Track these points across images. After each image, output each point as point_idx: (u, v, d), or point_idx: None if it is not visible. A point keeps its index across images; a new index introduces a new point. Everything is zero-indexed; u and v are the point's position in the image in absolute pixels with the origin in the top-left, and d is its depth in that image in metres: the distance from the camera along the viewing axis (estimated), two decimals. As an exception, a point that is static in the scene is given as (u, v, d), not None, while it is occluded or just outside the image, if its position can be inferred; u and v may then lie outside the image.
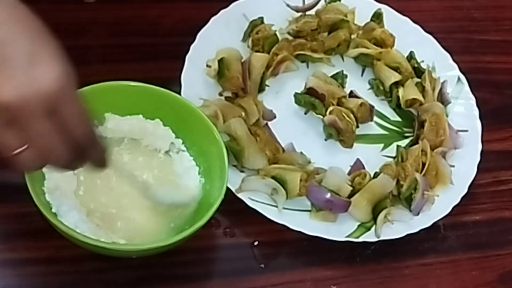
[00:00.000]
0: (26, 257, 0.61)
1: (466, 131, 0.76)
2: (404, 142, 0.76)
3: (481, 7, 0.94)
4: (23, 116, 0.44)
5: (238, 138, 0.67)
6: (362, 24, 0.82)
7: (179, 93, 0.68)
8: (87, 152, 0.50)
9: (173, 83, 0.70)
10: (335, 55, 0.81)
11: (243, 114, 0.69)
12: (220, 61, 0.72)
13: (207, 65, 0.73)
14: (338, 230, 0.66)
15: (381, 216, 0.66)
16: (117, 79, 0.64)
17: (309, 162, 0.70)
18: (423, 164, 0.71)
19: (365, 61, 0.80)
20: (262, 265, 0.65)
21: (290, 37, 0.79)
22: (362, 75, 0.81)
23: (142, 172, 0.64)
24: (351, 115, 0.72)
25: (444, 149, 0.73)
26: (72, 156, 0.48)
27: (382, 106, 0.79)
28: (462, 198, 0.70)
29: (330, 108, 0.72)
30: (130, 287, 0.61)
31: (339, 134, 0.72)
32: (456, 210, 0.69)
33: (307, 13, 0.80)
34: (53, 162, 0.49)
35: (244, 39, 0.78)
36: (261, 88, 0.75)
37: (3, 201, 0.63)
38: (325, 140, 0.73)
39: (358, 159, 0.72)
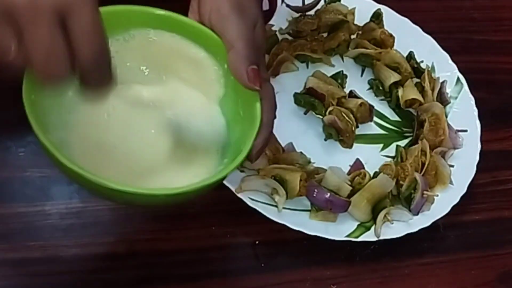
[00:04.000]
0: (26, 257, 0.61)
1: (466, 131, 0.76)
2: (403, 142, 0.76)
3: (481, 7, 0.94)
4: (27, 15, 0.39)
5: (238, 138, 0.67)
6: (361, 25, 0.82)
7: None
8: (89, 75, 0.43)
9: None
10: (334, 55, 0.81)
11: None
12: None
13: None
14: (338, 229, 0.66)
15: (380, 215, 0.66)
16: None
17: (309, 162, 0.70)
18: (423, 164, 0.71)
19: (364, 61, 0.80)
20: (262, 265, 0.65)
21: (290, 38, 0.79)
22: (361, 75, 0.81)
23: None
24: (351, 115, 0.72)
25: (444, 149, 0.73)
26: (68, 71, 0.42)
27: (381, 106, 0.79)
28: (462, 198, 0.70)
29: (330, 108, 0.72)
30: (130, 287, 0.62)
31: (339, 134, 0.72)
32: (456, 209, 0.69)
33: (307, 13, 0.81)
34: (47, 73, 0.42)
35: (244, 39, 0.78)
36: (261, 88, 0.75)
37: (3, 201, 0.63)
38: (325, 140, 0.74)
39: (357, 159, 0.72)
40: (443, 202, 0.70)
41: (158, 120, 0.55)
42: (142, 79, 0.57)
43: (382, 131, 0.77)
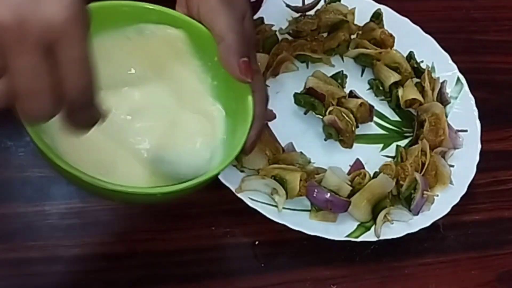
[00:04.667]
0: (26, 257, 0.61)
1: (466, 131, 0.76)
2: (403, 142, 0.76)
3: (481, 7, 0.94)
4: (13, 41, 0.36)
5: (238, 138, 0.67)
6: (361, 25, 0.82)
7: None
8: (74, 111, 0.40)
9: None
10: (334, 55, 0.81)
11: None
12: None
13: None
14: (338, 229, 0.66)
15: (380, 216, 0.66)
16: None
17: (309, 162, 0.70)
18: (423, 164, 0.71)
19: (364, 61, 0.80)
20: (262, 265, 0.65)
21: (290, 38, 0.79)
22: (361, 75, 0.81)
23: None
24: (351, 115, 0.72)
25: (444, 149, 0.73)
26: (53, 110, 0.39)
27: (381, 106, 0.79)
28: (462, 198, 0.70)
29: (330, 108, 0.72)
30: (130, 287, 0.62)
31: (339, 134, 0.72)
32: (456, 210, 0.69)
33: (307, 13, 0.81)
34: (28, 108, 0.39)
35: (244, 40, 0.78)
36: (261, 88, 0.75)
37: (3, 201, 0.63)
38: (325, 140, 0.74)
39: (357, 159, 0.72)
40: (443, 202, 0.70)
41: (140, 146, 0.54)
42: (130, 79, 0.56)
43: (382, 131, 0.77)
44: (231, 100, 0.57)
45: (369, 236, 0.66)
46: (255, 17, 0.78)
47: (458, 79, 0.80)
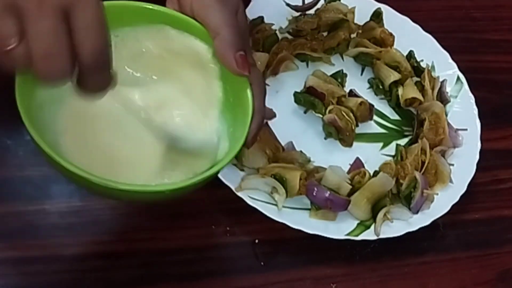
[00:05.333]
0: (26, 256, 0.61)
1: (466, 130, 0.76)
2: (403, 141, 0.76)
3: (481, 6, 0.94)
4: (32, 5, 0.39)
5: (238, 137, 0.67)
6: (361, 24, 0.82)
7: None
8: (88, 73, 0.42)
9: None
10: (334, 54, 0.81)
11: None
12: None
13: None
14: (338, 228, 0.66)
15: (380, 214, 0.66)
16: None
17: (309, 160, 0.70)
18: (423, 163, 0.71)
19: (364, 60, 0.80)
20: (262, 264, 0.65)
21: (290, 37, 0.79)
22: (361, 74, 0.81)
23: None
24: (351, 114, 0.72)
25: (444, 148, 0.73)
26: (69, 71, 0.41)
27: (381, 105, 0.79)
28: (461, 196, 0.70)
29: (330, 107, 0.72)
30: (130, 286, 0.62)
31: (339, 133, 0.72)
32: (455, 208, 0.69)
33: (307, 12, 0.81)
34: (46, 69, 0.41)
35: (244, 39, 0.78)
36: (261, 87, 0.75)
37: (3, 200, 0.63)
38: (325, 139, 0.74)
39: (357, 158, 0.72)
40: (443, 201, 0.70)
41: (148, 126, 0.55)
42: (131, 80, 0.56)
43: (382, 130, 0.77)
44: (229, 94, 0.56)
45: (369, 235, 0.66)
46: (255, 16, 0.78)
47: (458, 78, 0.80)
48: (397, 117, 0.78)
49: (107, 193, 0.49)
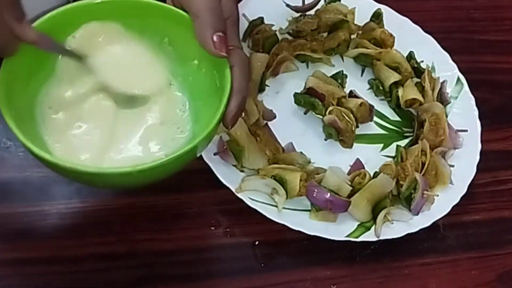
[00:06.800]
0: (26, 257, 0.61)
1: (466, 131, 0.76)
2: (403, 142, 0.76)
3: (481, 7, 0.94)
4: None
5: (238, 138, 0.67)
6: (361, 24, 0.82)
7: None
8: None
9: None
10: (335, 55, 0.81)
11: (243, 114, 0.69)
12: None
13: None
14: (338, 229, 0.66)
15: (380, 215, 0.66)
16: None
17: (309, 162, 0.70)
18: (423, 164, 0.71)
19: (364, 61, 0.80)
20: (262, 265, 0.65)
21: (290, 37, 0.79)
22: (361, 75, 0.81)
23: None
24: (351, 115, 0.72)
25: (444, 149, 0.73)
26: None
27: (381, 106, 0.79)
28: (462, 198, 0.70)
29: (330, 108, 0.72)
30: (130, 287, 0.62)
31: (339, 134, 0.72)
32: (456, 209, 0.69)
33: (307, 13, 0.81)
34: None
35: (244, 39, 0.78)
36: (261, 88, 0.75)
37: (3, 201, 0.63)
38: (325, 140, 0.74)
39: (357, 159, 0.72)
40: (443, 202, 0.70)
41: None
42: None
43: (382, 131, 0.77)
44: (216, 78, 0.57)
45: (369, 236, 0.66)
46: (255, 17, 0.78)
47: (458, 79, 0.80)
48: (397, 118, 0.78)
49: (75, 177, 0.52)
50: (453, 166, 0.72)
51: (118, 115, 0.58)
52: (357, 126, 0.73)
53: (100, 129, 0.56)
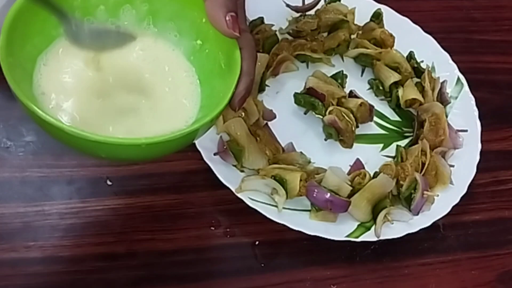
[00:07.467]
0: (26, 257, 0.61)
1: (466, 131, 0.76)
2: (403, 142, 0.76)
3: (481, 7, 0.94)
4: None
5: (238, 138, 0.67)
6: (361, 24, 0.82)
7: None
8: None
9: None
10: (335, 55, 0.81)
11: (243, 114, 0.69)
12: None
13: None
14: (338, 229, 0.66)
15: (380, 216, 0.66)
16: None
17: (309, 162, 0.70)
18: (423, 164, 0.71)
19: (364, 61, 0.80)
20: (262, 265, 0.65)
21: (290, 37, 0.79)
22: (361, 75, 0.81)
23: None
24: (351, 115, 0.72)
25: (444, 149, 0.73)
26: None
27: (381, 106, 0.79)
28: (462, 198, 0.70)
29: (330, 108, 0.72)
30: (130, 287, 0.61)
31: (339, 134, 0.72)
32: (456, 209, 0.69)
33: (307, 13, 0.81)
34: None
35: (244, 39, 0.78)
36: (261, 88, 0.75)
37: (2, 201, 0.63)
38: (325, 140, 0.74)
39: (357, 159, 0.72)
40: (443, 202, 0.69)
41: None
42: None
43: (382, 131, 0.77)
44: (221, 59, 0.57)
45: (369, 236, 0.66)
46: (255, 17, 0.78)
47: (458, 79, 0.80)
48: (397, 118, 0.78)
49: (80, 146, 0.49)
50: (453, 166, 0.72)
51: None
52: (357, 126, 0.73)
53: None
